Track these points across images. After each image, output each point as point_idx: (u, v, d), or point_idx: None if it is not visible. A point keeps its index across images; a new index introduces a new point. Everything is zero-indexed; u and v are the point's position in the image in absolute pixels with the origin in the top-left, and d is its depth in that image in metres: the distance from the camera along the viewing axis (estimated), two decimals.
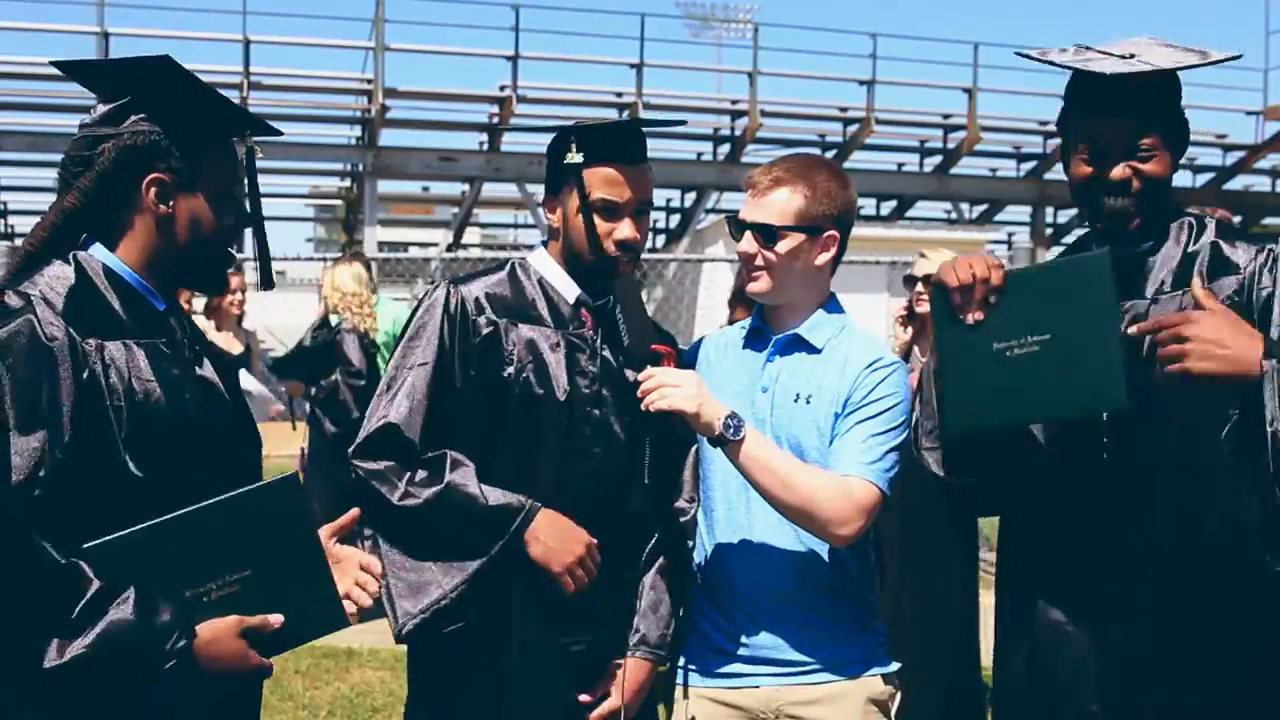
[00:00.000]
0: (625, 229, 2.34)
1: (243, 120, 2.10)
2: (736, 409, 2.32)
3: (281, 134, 2.19)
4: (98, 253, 1.94)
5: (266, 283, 2.17)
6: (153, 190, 1.94)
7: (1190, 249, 2.20)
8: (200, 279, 2.10)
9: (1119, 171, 2.15)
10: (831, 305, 2.45)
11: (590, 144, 2.34)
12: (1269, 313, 2.11)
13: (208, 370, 2.03)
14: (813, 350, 2.39)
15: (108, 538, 1.76)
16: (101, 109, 1.96)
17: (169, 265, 1.99)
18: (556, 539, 2.26)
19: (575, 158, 2.33)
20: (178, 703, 1.79)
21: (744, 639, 2.35)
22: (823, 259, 2.39)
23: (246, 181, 2.07)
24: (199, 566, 1.83)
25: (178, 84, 1.95)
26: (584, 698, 2.35)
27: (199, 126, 1.98)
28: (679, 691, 2.43)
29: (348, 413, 6.16)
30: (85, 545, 1.74)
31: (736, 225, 2.39)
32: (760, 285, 2.38)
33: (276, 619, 1.87)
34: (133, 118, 1.93)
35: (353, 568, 2.04)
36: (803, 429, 2.33)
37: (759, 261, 2.36)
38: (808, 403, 2.34)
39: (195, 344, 2.05)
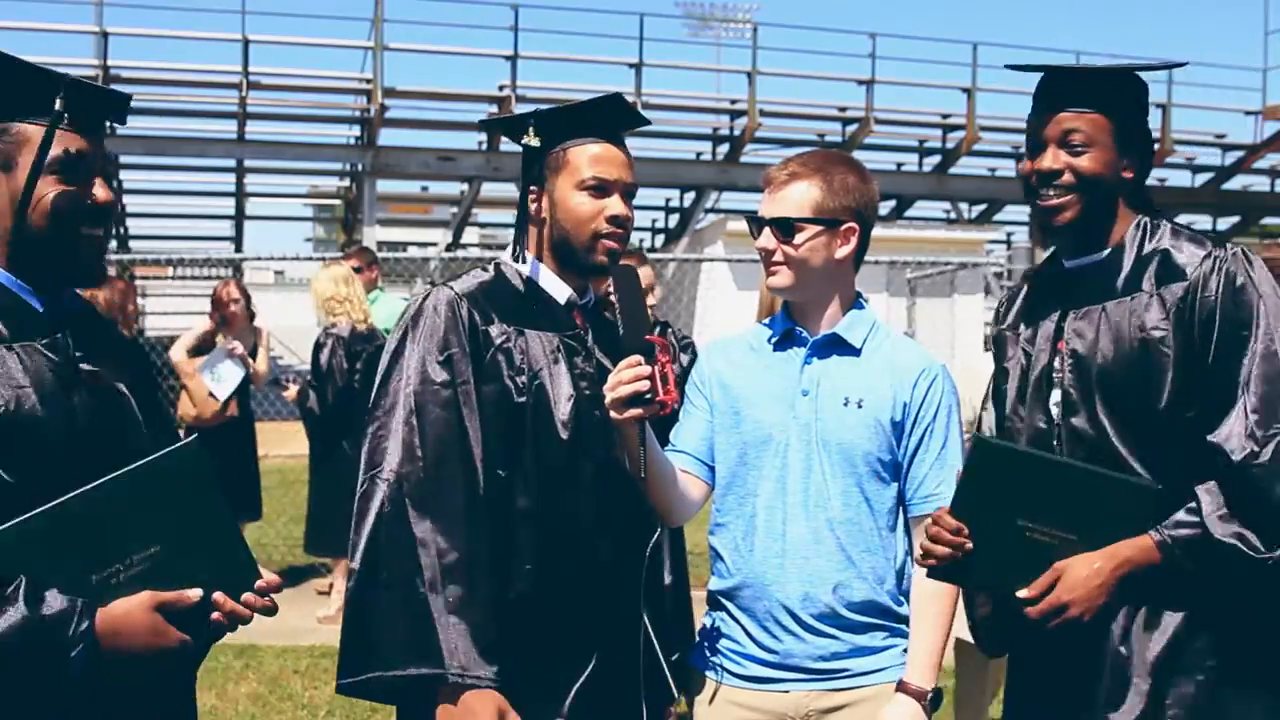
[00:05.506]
0: (616, 205, 2.31)
1: (55, 88, 1.83)
2: (774, 414, 2.32)
3: (120, 98, 1.99)
4: None
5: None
6: None
7: (1145, 252, 2.21)
8: (61, 269, 1.89)
9: (1049, 162, 2.20)
10: (860, 303, 2.44)
11: (576, 122, 2.32)
12: (1211, 324, 2.09)
13: (99, 369, 1.91)
14: (853, 351, 2.36)
15: (1, 526, 1.67)
16: None
17: (25, 256, 1.85)
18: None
19: (533, 141, 2.32)
20: (87, 691, 1.69)
21: (776, 646, 2.31)
22: (843, 252, 2.36)
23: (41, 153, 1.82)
24: (103, 548, 1.74)
25: None
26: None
27: (7, 101, 1.83)
28: (707, 693, 2.39)
29: (309, 412, 6.55)
30: None
31: (755, 223, 2.38)
32: (780, 279, 2.36)
33: (194, 593, 1.77)
34: None
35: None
36: (854, 434, 2.30)
37: (778, 256, 2.34)
38: (859, 406, 2.30)
39: (86, 343, 1.92)
